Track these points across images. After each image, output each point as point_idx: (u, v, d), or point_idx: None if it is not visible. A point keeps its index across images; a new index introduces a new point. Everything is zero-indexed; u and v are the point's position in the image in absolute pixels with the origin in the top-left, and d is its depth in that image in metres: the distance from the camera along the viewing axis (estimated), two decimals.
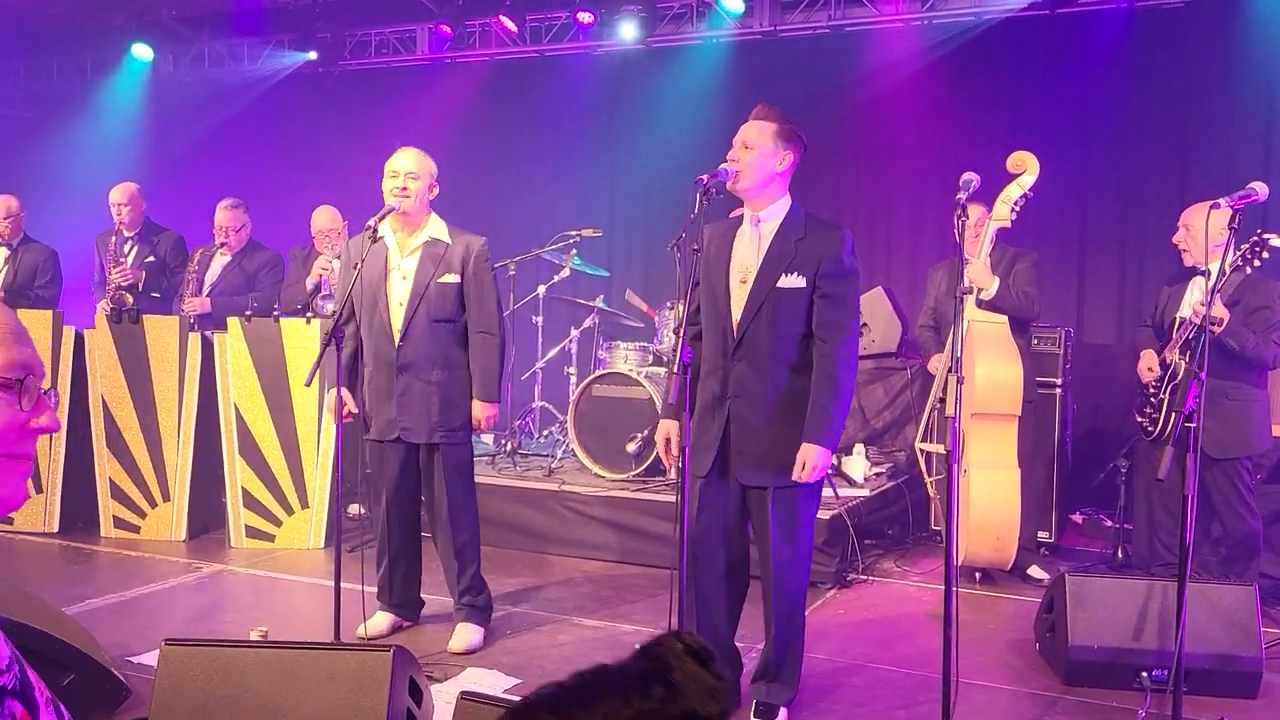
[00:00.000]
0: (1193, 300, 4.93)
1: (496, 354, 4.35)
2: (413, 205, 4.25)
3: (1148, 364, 5.03)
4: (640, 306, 6.86)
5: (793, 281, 3.48)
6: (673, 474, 3.75)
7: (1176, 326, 4.88)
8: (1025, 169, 5.04)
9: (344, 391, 4.31)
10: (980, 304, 5.19)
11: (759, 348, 3.50)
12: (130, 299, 6.37)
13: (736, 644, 3.85)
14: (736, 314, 3.53)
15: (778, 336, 3.50)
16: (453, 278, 4.29)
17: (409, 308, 4.26)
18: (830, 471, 5.77)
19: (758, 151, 3.52)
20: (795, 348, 3.52)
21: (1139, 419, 5.14)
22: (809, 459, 3.43)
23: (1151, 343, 5.15)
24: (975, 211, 5.35)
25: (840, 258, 3.49)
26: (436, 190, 4.36)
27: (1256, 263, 4.32)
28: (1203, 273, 4.89)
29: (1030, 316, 5.36)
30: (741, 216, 3.66)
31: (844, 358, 3.48)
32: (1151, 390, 5.02)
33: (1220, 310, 4.52)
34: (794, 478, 3.45)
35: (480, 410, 4.35)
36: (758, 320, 3.50)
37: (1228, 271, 4.37)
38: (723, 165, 3.51)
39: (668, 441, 3.73)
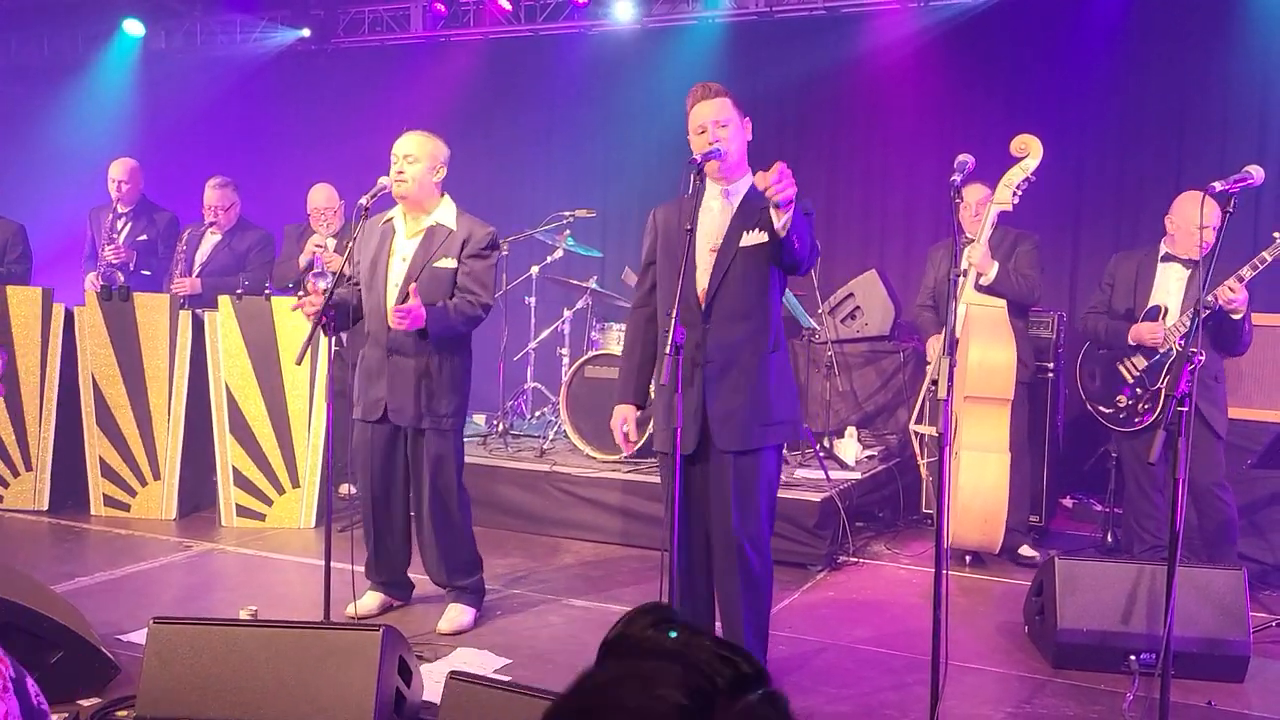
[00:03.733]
0: (1169, 288, 4.96)
1: (467, 311, 4.16)
2: (411, 189, 4.19)
3: (1152, 330, 4.99)
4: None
5: (755, 238, 3.49)
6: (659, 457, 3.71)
7: (1164, 315, 4.89)
8: (1029, 152, 5.01)
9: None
10: (979, 288, 5.19)
11: (727, 311, 3.51)
12: (121, 277, 6.34)
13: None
14: (704, 280, 3.53)
15: (744, 297, 3.50)
16: (449, 263, 4.22)
17: (402, 291, 4.21)
18: (823, 454, 5.79)
19: (733, 127, 3.54)
20: (760, 307, 3.53)
21: (1105, 409, 5.12)
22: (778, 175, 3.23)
23: (1125, 327, 5.11)
24: (975, 193, 5.33)
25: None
26: (442, 172, 4.28)
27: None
28: (1183, 262, 4.90)
29: (1030, 301, 5.36)
30: (696, 193, 3.57)
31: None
32: (1138, 375, 5.00)
33: (1239, 290, 4.53)
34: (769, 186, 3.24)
35: (416, 305, 3.99)
36: (725, 283, 3.50)
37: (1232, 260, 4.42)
38: (713, 146, 3.48)
39: (623, 426, 3.69)
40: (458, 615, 4.36)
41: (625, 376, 3.81)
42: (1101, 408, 5.17)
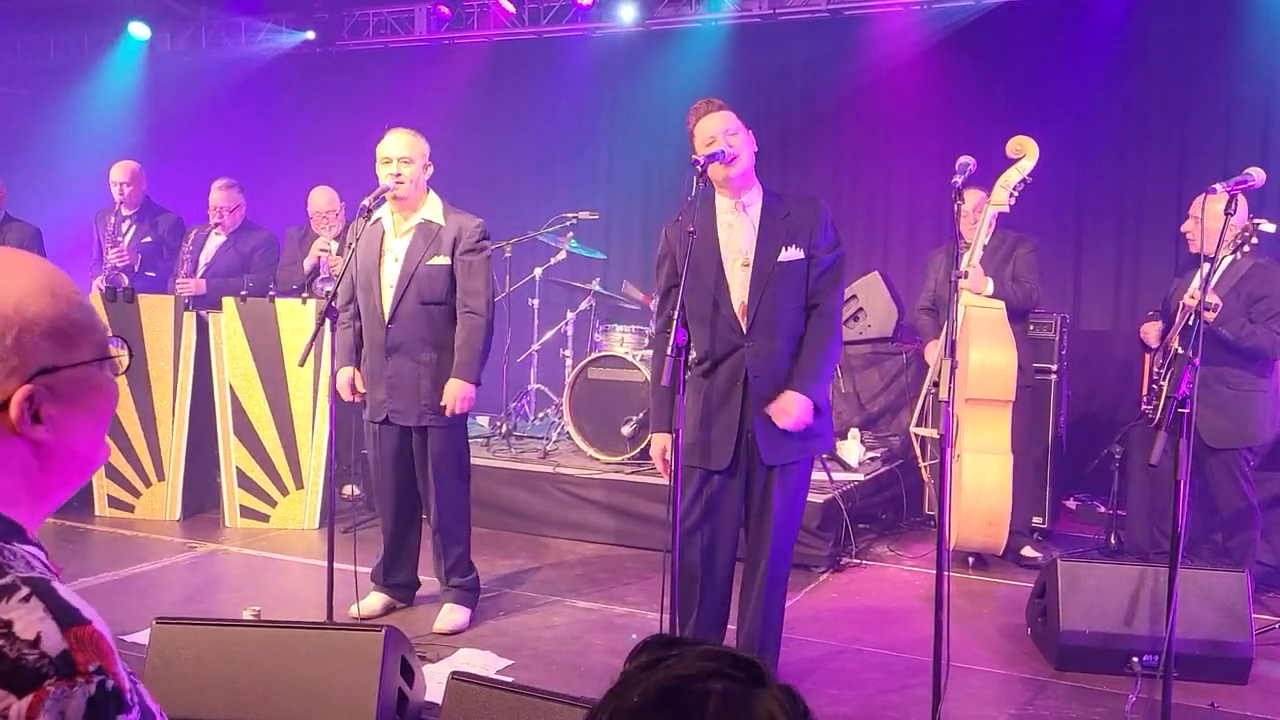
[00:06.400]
0: (1192, 287, 4.92)
1: (479, 335, 4.25)
2: (408, 190, 4.22)
3: (1148, 331, 5.06)
4: (637, 296, 6.84)
5: (792, 254, 3.55)
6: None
7: (1179, 313, 4.87)
8: (1024, 154, 5.03)
9: (353, 372, 4.32)
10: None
11: (770, 325, 3.54)
12: (126, 280, 6.36)
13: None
14: (742, 296, 3.56)
15: (785, 311, 3.55)
16: (442, 260, 4.25)
17: (398, 290, 4.24)
18: (825, 456, 5.79)
19: (743, 136, 3.58)
20: (799, 320, 3.60)
21: (1145, 407, 5.13)
22: (792, 408, 3.46)
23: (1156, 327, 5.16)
24: (972, 197, 5.34)
25: (828, 226, 3.61)
26: (431, 169, 4.33)
27: (1245, 248, 4.31)
28: (1209, 260, 4.89)
29: (1029, 306, 5.36)
30: (708, 207, 3.64)
31: (835, 317, 3.63)
32: (1154, 376, 5.01)
33: (1211, 297, 4.50)
34: (776, 421, 3.48)
35: (454, 388, 4.22)
36: (766, 298, 3.53)
37: (1220, 258, 4.36)
38: (717, 148, 3.50)
39: (664, 454, 3.64)
40: (454, 616, 4.38)
41: (659, 405, 3.68)
42: (1145, 405, 5.16)
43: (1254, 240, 4.27)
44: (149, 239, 6.70)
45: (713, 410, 3.58)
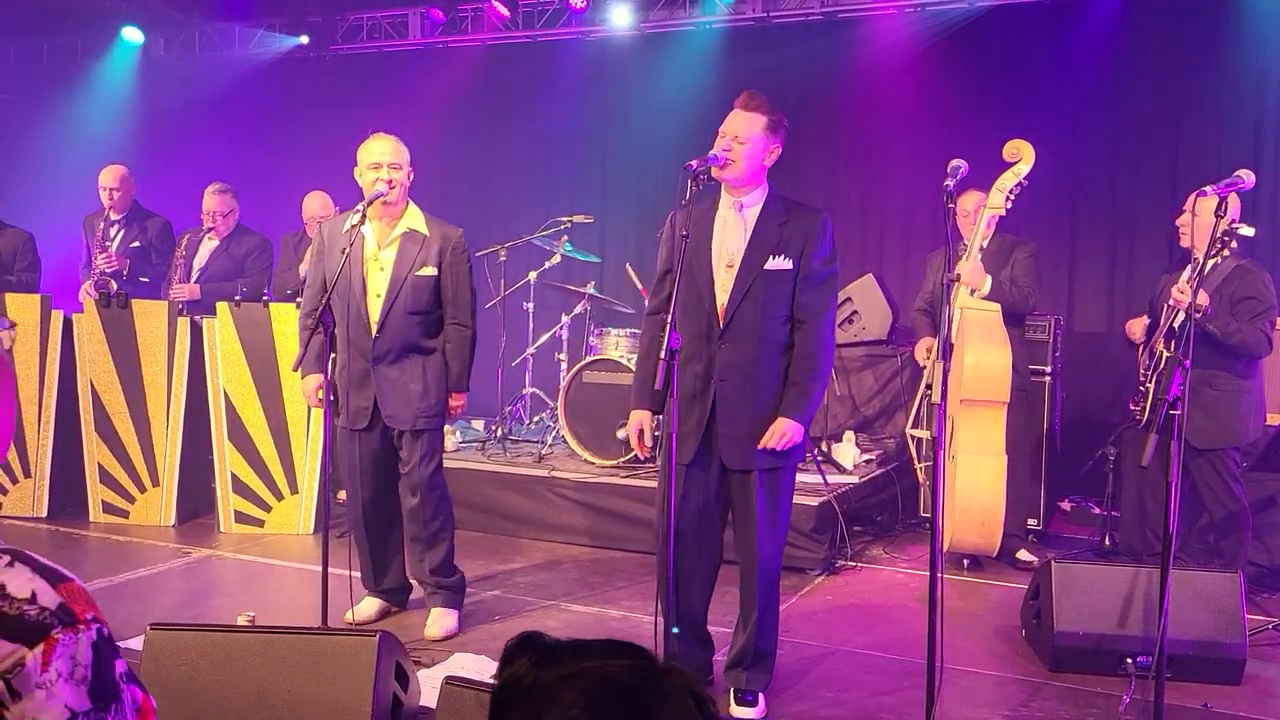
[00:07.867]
0: (1177, 284, 4.94)
1: (468, 346, 4.39)
2: (396, 196, 4.23)
3: (1133, 327, 5.10)
4: (635, 282, 6.82)
5: (780, 264, 3.51)
6: (659, 461, 3.74)
7: (1164, 313, 4.89)
8: (1021, 157, 5.04)
9: (322, 378, 4.30)
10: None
11: (747, 330, 3.52)
12: (114, 285, 6.35)
13: (708, 628, 3.87)
14: (723, 297, 3.54)
15: (765, 318, 3.51)
16: (429, 271, 4.28)
17: (386, 300, 4.24)
18: (820, 459, 5.80)
19: (750, 145, 3.52)
20: (782, 329, 3.56)
21: (1132, 407, 5.14)
22: (782, 430, 3.47)
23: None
24: (970, 200, 5.36)
25: (824, 240, 3.56)
26: (412, 177, 4.35)
27: (1225, 252, 4.33)
28: (1201, 267, 4.90)
29: (1025, 309, 5.37)
30: (712, 201, 3.66)
31: (824, 337, 3.56)
32: (1141, 377, 5.03)
33: (1200, 297, 4.52)
34: (762, 444, 3.48)
35: (453, 400, 4.42)
36: (746, 303, 3.51)
37: (1203, 260, 4.37)
38: (712, 152, 3.51)
39: (640, 432, 3.70)
40: (446, 620, 4.38)
41: (641, 382, 3.72)
42: (1131, 405, 5.18)
43: (1233, 244, 4.29)
44: (138, 243, 6.68)
45: (685, 405, 3.56)
